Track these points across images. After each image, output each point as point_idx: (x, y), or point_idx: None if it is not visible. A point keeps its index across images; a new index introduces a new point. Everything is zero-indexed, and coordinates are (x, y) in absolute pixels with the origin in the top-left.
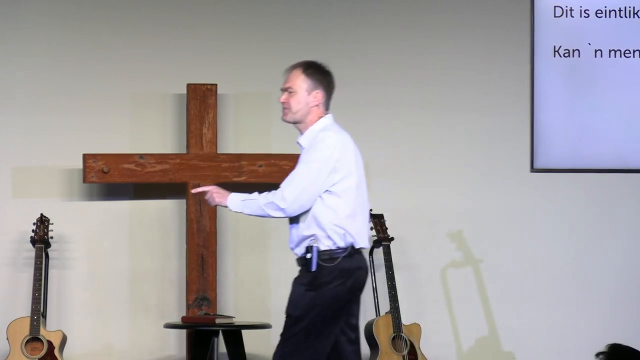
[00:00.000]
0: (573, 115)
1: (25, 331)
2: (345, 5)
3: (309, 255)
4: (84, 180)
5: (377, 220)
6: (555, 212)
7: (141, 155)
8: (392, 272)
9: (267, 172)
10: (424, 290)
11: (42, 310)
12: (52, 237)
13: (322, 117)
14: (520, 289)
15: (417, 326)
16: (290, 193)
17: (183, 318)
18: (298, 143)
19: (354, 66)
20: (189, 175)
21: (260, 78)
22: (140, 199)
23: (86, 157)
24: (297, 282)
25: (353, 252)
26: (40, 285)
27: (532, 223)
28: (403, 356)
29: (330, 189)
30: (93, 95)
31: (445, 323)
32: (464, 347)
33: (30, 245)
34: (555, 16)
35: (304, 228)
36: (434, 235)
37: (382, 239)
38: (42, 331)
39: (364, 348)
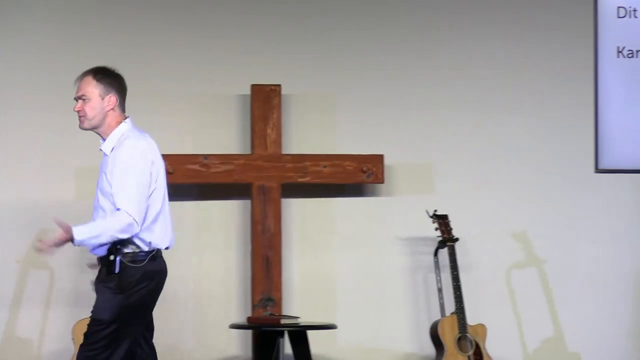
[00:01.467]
0: (637, 115)
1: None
2: (410, 6)
3: (112, 257)
4: None
5: (442, 221)
6: (620, 213)
7: (205, 156)
8: (457, 273)
9: (331, 173)
10: (488, 291)
11: None
12: None
13: (121, 121)
14: (586, 290)
15: (482, 326)
16: (133, 208)
17: (248, 318)
18: (101, 150)
19: (421, 66)
20: (254, 176)
21: (323, 78)
22: (204, 199)
23: None
24: (102, 285)
25: (157, 255)
26: None
27: (596, 223)
28: (468, 356)
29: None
30: (157, 96)
31: (510, 323)
32: (529, 348)
33: None
34: (618, 17)
35: None
36: (498, 235)
37: (446, 239)
38: None
39: (430, 348)
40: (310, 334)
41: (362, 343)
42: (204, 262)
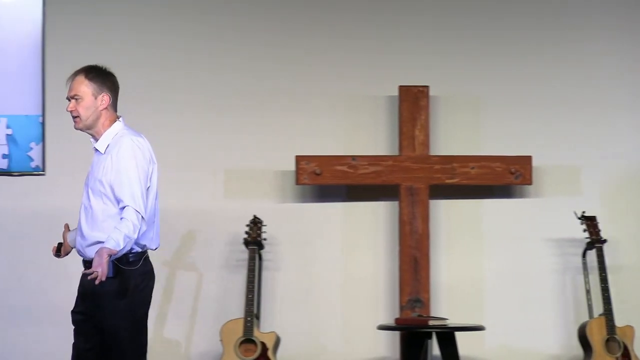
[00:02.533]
0: None
1: (238, 332)
2: (561, 6)
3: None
4: (297, 182)
5: (590, 222)
6: None
7: (354, 157)
8: (605, 274)
9: (479, 174)
10: (636, 292)
11: (255, 311)
12: (265, 239)
13: (114, 120)
14: None
15: (630, 328)
16: (138, 204)
17: (396, 320)
18: (95, 148)
19: (567, 66)
20: (402, 177)
21: (470, 79)
22: (352, 200)
23: (299, 159)
24: (102, 291)
25: (147, 255)
26: (254, 286)
27: None
28: (616, 358)
29: None
30: (306, 97)
31: None
32: None
33: (244, 246)
34: None
35: (101, 232)
36: None
37: (594, 240)
38: (256, 332)
39: (577, 349)
40: (458, 335)
41: (510, 344)
42: (352, 263)
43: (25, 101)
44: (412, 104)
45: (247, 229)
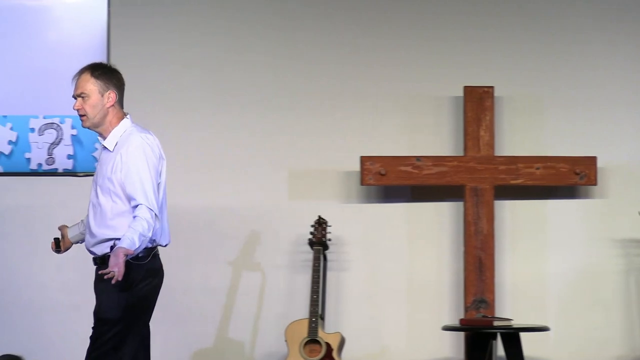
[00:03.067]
0: None
1: (303, 333)
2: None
3: None
4: (362, 183)
5: None
6: None
7: (418, 158)
8: None
9: (544, 175)
10: None
11: (320, 312)
12: (330, 239)
13: (122, 117)
14: None
15: None
16: (150, 201)
17: (461, 320)
18: (104, 146)
19: (631, 67)
20: (466, 178)
21: (535, 80)
22: (417, 201)
23: (364, 160)
24: (105, 283)
25: (156, 252)
26: (318, 287)
27: None
28: None
29: None
30: (370, 98)
31: None
32: None
33: (308, 247)
34: None
35: (109, 229)
36: None
37: None
38: (321, 333)
39: None
40: (523, 335)
41: (574, 345)
42: (417, 263)
43: None
44: (477, 104)
45: (311, 229)
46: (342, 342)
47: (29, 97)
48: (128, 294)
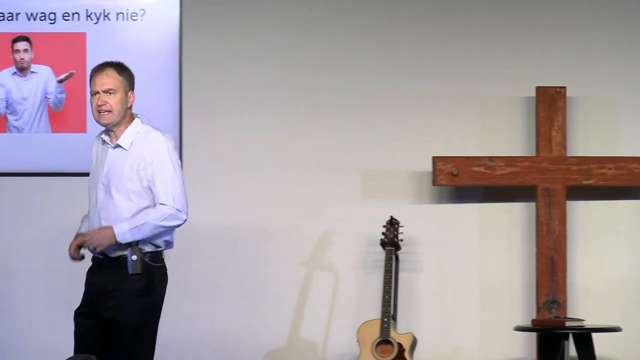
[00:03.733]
0: None
1: (375, 333)
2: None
3: (134, 257)
4: (434, 183)
5: None
6: None
7: (490, 158)
8: None
9: (616, 175)
10: None
11: (392, 312)
12: (402, 240)
13: (133, 118)
14: None
15: None
16: (180, 200)
17: (533, 321)
18: (117, 144)
19: None
20: (539, 178)
21: (607, 80)
22: (489, 201)
23: (435, 160)
24: (124, 287)
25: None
26: (390, 287)
27: None
28: None
29: None
30: (443, 98)
31: None
32: None
33: (380, 247)
34: None
35: None
36: None
37: None
38: (393, 333)
39: None
40: (595, 336)
41: None
42: (488, 264)
43: (162, 104)
44: (549, 105)
45: (383, 229)
46: (414, 343)
47: None
48: (148, 299)
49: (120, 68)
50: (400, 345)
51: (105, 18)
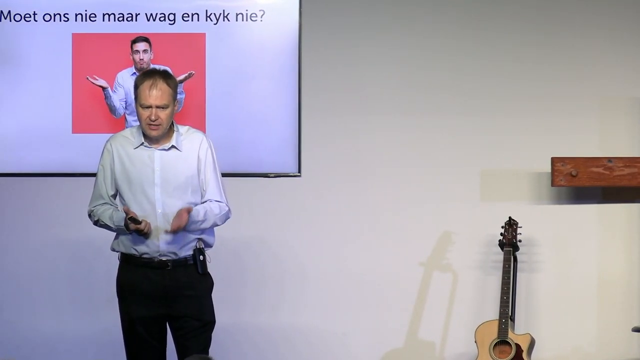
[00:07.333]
0: None
1: (493, 334)
2: None
3: (202, 258)
4: (552, 184)
5: None
6: None
7: (609, 159)
8: None
9: None
10: None
11: (510, 313)
12: (520, 241)
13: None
14: None
15: None
16: (225, 200)
17: None
18: (173, 146)
19: None
20: None
21: None
22: (607, 202)
23: (554, 161)
24: (199, 287)
25: None
26: (509, 288)
27: None
28: None
29: None
30: (562, 98)
31: None
32: None
33: (499, 248)
34: None
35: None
36: None
37: None
38: (511, 334)
39: None
40: None
41: None
42: (607, 264)
43: (281, 106)
44: None
45: (502, 230)
46: (532, 344)
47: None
48: (210, 297)
49: (170, 79)
50: (518, 346)
51: (225, 19)
